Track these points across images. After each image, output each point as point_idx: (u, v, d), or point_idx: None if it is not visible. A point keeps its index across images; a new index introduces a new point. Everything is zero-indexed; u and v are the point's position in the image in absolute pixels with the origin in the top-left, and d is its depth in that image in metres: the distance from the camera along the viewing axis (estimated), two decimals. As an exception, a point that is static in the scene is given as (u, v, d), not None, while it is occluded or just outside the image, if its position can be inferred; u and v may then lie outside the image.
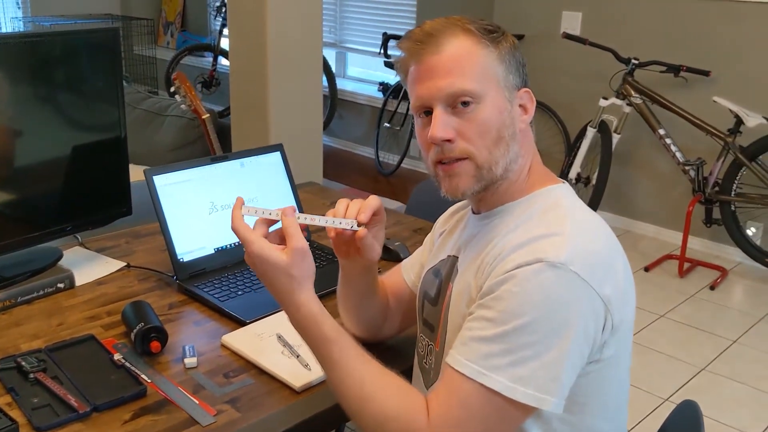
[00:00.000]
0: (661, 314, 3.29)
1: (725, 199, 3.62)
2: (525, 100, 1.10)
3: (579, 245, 0.99)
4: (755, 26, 3.64)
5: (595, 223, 1.06)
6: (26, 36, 1.63)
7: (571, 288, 0.96)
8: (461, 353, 0.98)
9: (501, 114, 1.06)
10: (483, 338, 0.97)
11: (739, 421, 2.54)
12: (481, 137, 1.05)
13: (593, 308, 0.98)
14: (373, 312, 1.32)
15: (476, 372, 0.96)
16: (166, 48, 6.93)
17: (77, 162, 1.63)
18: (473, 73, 1.04)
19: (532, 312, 0.95)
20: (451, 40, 1.05)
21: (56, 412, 1.13)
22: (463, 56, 1.05)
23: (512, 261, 0.98)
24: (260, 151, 1.73)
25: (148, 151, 3.33)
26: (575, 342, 0.96)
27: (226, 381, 1.24)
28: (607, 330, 1.00)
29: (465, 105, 1.04)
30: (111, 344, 1.32)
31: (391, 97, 5.18)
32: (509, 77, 1.07)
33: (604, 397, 1.07)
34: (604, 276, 0.99)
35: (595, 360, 1.01)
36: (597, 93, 3.97)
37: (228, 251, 1.64)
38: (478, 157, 1.06)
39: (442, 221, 1.32)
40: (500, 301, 0.97)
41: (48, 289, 1.51)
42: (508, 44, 1.08)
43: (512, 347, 0.95)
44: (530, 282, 0.96)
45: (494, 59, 1.06)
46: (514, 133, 1.08)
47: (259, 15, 3.12)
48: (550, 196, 1.10)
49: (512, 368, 0.95)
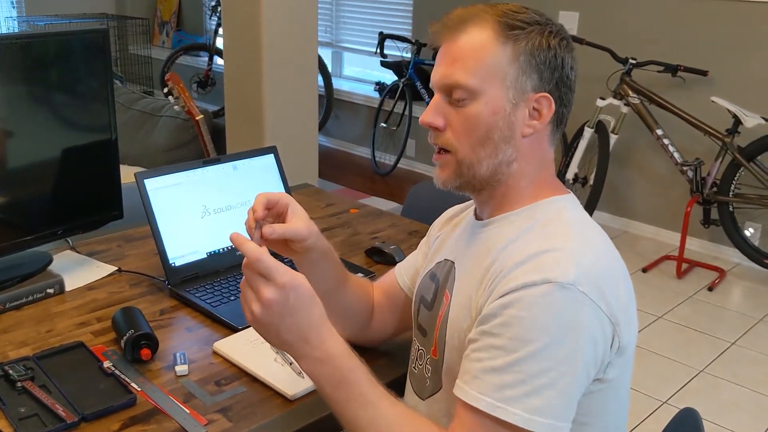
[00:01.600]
0: (659, 315, 3.28)
1: (723, 199, 3.61)
2: (541, 106, 1.04)
3: (585, 264, 0.95)
4: (753, 26, 3.62)
5: (599, 238, 1.03)
6: (13, 37, 1.60)
7: (581, 309, 0.93)
8: (473, 387, 0.95)
9: (494, 114, 1.03)
10: (494, 369, 0.93)
11: (737, 423, 2.52)
12: (466, 133, 1.03)
13: (602, 329, 0.95)
14: (350, 306, 1.28)
15: (491, 406, 0.92)
16: (161, 48, 6.90)
17: (67, 164, 1.61)
18: (475, 69, 1.01)
19: (542, 337, 0.91)
20: (471, 30, 1.02)
21: (44, 422, 1.11)
22: (472, 49, 1.02)
23: (515, 279, 0.95)
24: (253, 154, 1.71)
25: (142, 152, 3.31)
26: (585, 364, 0.94)
27: (218, 389, 1.22)
28: (614, 349, 0.98)
29: (459, 98, 1.03)
30: (101, 351, 1.30)
31: (387, 97, 5.16)
32: (522, 78, 1.02)
33: (605, 418, 1.04)
34: (611, 295, 0.96)
35: (599, 380, 0.99)
36: (594, 93, 3.95)
37: (220, 255, 1.62)
38: (459, 152, 1.04)
39: (439, 225, 1.30)
40: (508, 328, 0.93)
41: (37, 295, 1.49)
42: (532, 44, 1.02)
43: (525, 377, 0.91)
44: (538, 305, 0.92)
45: (506, 58, 1.02)
46: (509, 136, 1.04)
47: (253, 15, 3.10)
48: (552, 207, 1.06)
49: (527, 399, 0.91)
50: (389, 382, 1.24)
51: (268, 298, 0.94)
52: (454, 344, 1.06)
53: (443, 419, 1.10)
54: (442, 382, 1.11)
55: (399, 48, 5.03)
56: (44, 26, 5.84)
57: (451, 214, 1.28)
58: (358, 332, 1.32)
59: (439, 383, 1.12)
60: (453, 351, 1.06)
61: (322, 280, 1.20)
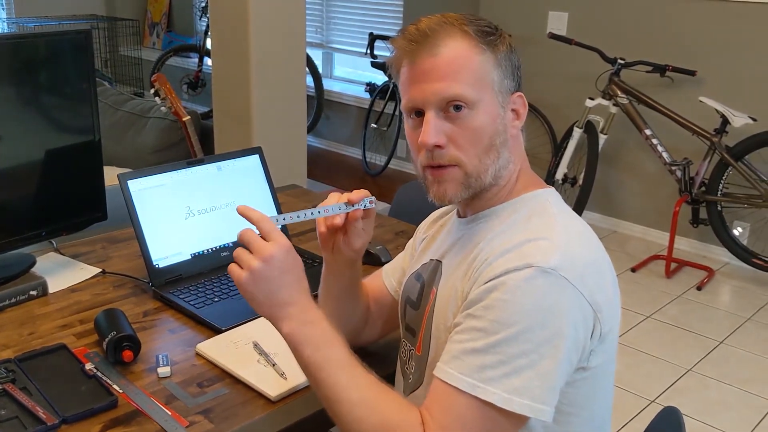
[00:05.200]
0: (648, 315, 3.28)
1: (712, 199, 3.62)
2: (518, 105, 1.07)
3: (569, 251, 0.97)
4: (741, 26, 3.64)
5: (583, 229, 1.04)
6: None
7: (562, 294, 0.94)
8: (453, 367, 0.95)
9: (494, 121, 1.04)
10: (474, 350, 0.94)
11: (725, 422, 2.53)
12: (472, 145, 1.03)
13: (583, 315, 0.96)
14: (354, 312, 1.29)
15: (470, 385, 0.93)
16: (152, 49, 6.89)
17: (51, 166, 1.60)
18: (469, 79, 1.02)
19: (523, 320, 0.92)
20: (447, 42, 1.02)
21: (24, 424, 1.10)
22: (460, 60, 1.02)
23: (500, 266, 0.96)
24: (238, 155, 1.71)
25: (130, 153, 3.30)
26: (567, 349, 0.95)
27: (200, 391, 1.22)
28: (595, 337, 0.98)
29: (457, 109, 1.02)
30: (83, 353, 1.30)
31: (378, 97, 5.16)
32: (504, 82, 1.05)
33: (591, 407, 1.05)
34: (593, 283, 0.97)
35: (582, 368, 0.99)
36: (583, 93, 3.96)
37: (205, 257, 1.62)
38: (467, 165, 1.04)
39: (425, 227, 1.30)
40: (490, 310, 0.94)
41: (20, 297, 1.48)
42: (505, 47, 1.05)
43: (505, 357, 0.92)
44: (520, 289, 0.93)
45: (491, 64, 1.03)
46: (505, 139, 1.06)
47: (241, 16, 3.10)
48: (536, 200, 1.08)
49: (507, 379, 0.92)
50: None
51: (270, 253, 0.99)
52: (441, 336, 1.06)
53: None
54: (425, 376, 1.11)
55: (389, 48, 5.02)
56: (33, 27, 5.82)
57: (437, 215, 1.29)
58: (357, 336, 1.31)
59: (421, 378, 1.12)
60: (439, 344, 1.06)
61: (341, 288, 1.24)
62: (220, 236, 1.65)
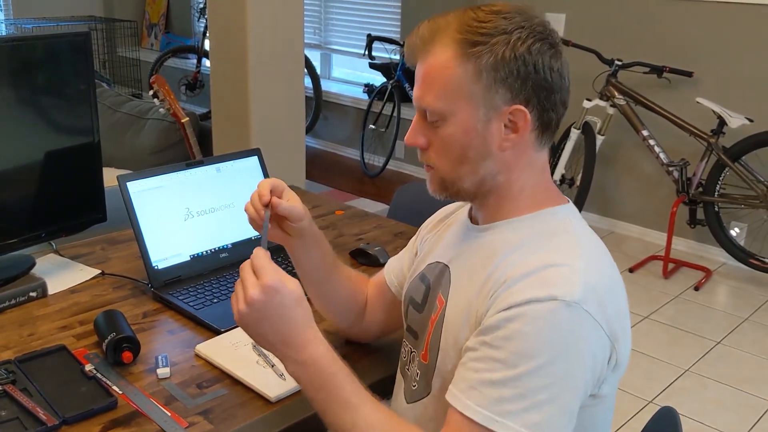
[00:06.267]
0: (646, 315, 3.29)
1: (709, 199, 3.63)
2: (517, 118, 1.00)
3: (590, 281, 0.95)
4: (738, 27, 3.65)
5: (602, 252, 1.03)
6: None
7: (583, 328, 0.93)
8: (470, 397, 0.94)
9: (467, 135, 1.01)
10: (492, 382, 0.92)
11: (722, 422, 2.54)
12: (443, 154, 1.04)
13: (602, 347, 0.95)
14: (338, 292, 1.30)
15: (488, 419, 0.92)
16: (150, 50, 6.89)
17: (50, 167, 1.61)
18: (440, 91, 1.01)
19: (544, 354, 0.91)
20: (434, 51, 1.01)
21: (24, 425, 1.11)
22: (435, 71, 1.01)
23: (521, 293, 0.94)
24: (237, 156, 1.71)
25: (129, 154, 3.30)
26: (585, 381, 0.94)
27: (199, 392, 1.22)
28: (610, 366, 0.98)
29: (432, 120, 1.04)
30: (83, 355, 1.30)
31: (376, 98, 5.17)
32: (489, 94, 0.99)
33: (594, 430, 1.04)
34: (612, 314, 0.96)
35: (593, 395, 0.99)
36: (581, 94, 3.97)
37: (204, 258, 1.62)
38: (441, 171, 1.06)
39: (430, 226, 1.28)
40: (510, 342, 0.92)
41: (20, 298, 1.48)
42: (494, 58, 0.98)
43: (525, 392, 0.91)
44: (542, 321, 0.91)
45: (469, 77, 0.99)
46: (486, 153, 1.02)
47: (239, 17, 3.10)
48: (556, 218, 1.05)
49: (526, 414, 0.91)
50: (376, 382, 1.27)
51: (252, 297, 0.97)
52: (450, 352, 1.05)
53: (429, 424, 1.09)
54: (431, 387, 1.10)
55: (387, 50, 5.04)
56: (32, 29, 5.82)
57: (443, 215, 1.27)
58: (351, 326, 1.34)
59: (428, 388, 1.11)
60: (447, 358, 1.05)
61: (313, 267, 1.26)
62: (220, 237, 1.65)
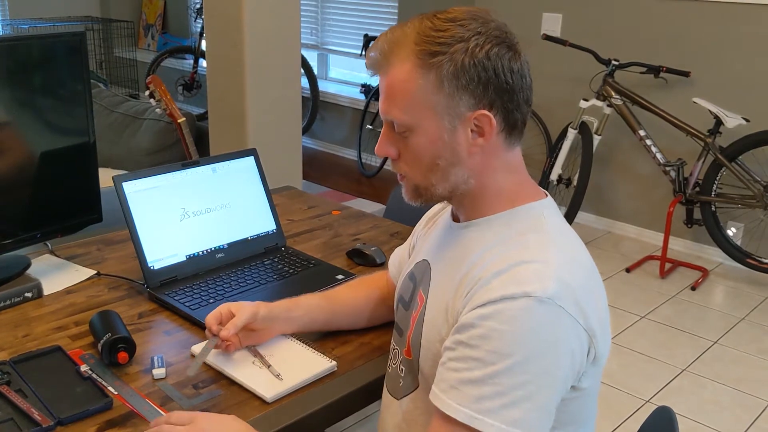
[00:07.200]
0: (642, 315, 3.29)
1: (706, 199, 3.63)
2: (482, 123, 1.01)
3: (564, 275, 0.96)
4: (735, 27, 3.65)
5: (577, 248, 1.04)
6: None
7: (559, 324, 0.94)
8: (451, 397, 0.95)
9: (434, 144, 1.03)
10: (472, 380, 0.93)
11: (719, 422, 2.54)
12: (414, 164, 1.06)
13: (580, 341, 0.96)
14: (351, 313, 1.38)
15: (468, 417, 0.93)
16: (147, 50, 6.88)
17: (46, 168, 1.60)
18: (404, 104, 1.02)
19: (521, 351, 0.92)
20: (395, 64, 1.02)
21: (19, 426, 1.10)
22: (398, 85, 1.02)
23: (494, 290, 0.95)
24: (233, 156, 1.71)
25: (125, 155, 3.29)
26: (564, 377, 0.95)
27: (195, 392, 1.22)
28: (590, 360, 0.99)
29: (399, 132, 1.05)
30: (78, 355, 1.30)
31: (373, 99, 5.17)
32: (452, 103, 1.00)
33: (576, 424, 1.05)
34: (588, 308, 0.97)
35: (573, 387, 1.00)
36: (577, 94, 3.98)
37: (200, 258, 1.62)
38: (413, 179, 1.07)
39: (423, 224, 1.32)
40: (486, 340, 0.93)
41: (15, 299, 1.48)
42: (454, 66, 0.98)
43: (503, 389, 0.92)
44: (517, 319, 0.92)
45: (431, 88, 1.00)
46: (455, 160, 1.03)
47: (236, 18, 3.10)
48: (530, 214, 1.06)
49: (505, 411, 0.92)
50: (371, 381, 1.28)
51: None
52: (431, 349, 1.06)
53: (421, 418, 1.11)
54: (419, 382, 1.12)
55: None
56: (28, 29, 5.81)
57: (431, 214, 1.30)
58: (371, 319, 1.42)
59: (415, 382, 1.13)
60: (429, 355, 1.07)
61: (305, 325, 1.35)
62: (216, 238, 1.65)
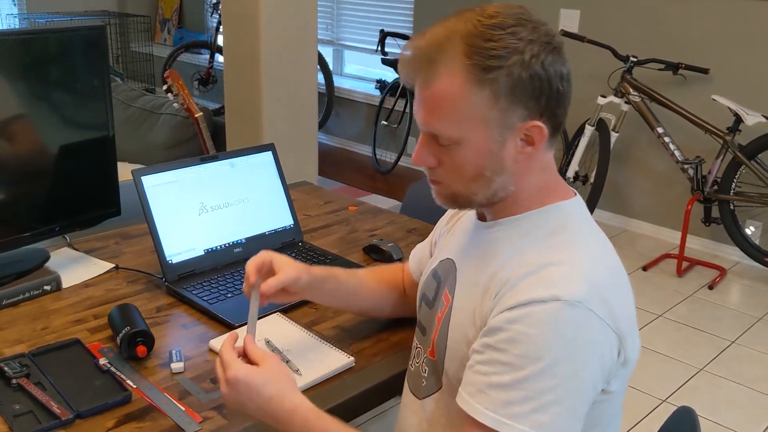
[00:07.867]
0: (659, 314, 3.27)
1: (724, 198, 3.60)
2: (533, 134, 0.99)
3: (593, 278, 0.95)
4: (755, 24, 3.61)
5: (605, 249, 1.03)
6: (9, 33, 1.59)
7: (588, 327, 0.92)
8: (479, 401, 0.94)
9: (481, 156, 1.00)
10: (500, 385, 0.92)
11: (736, 422, 2.52)
12: (457, 174, 1.02)
13: (609, 345, 0.95)
14: (374, 299, 1.37)
15: (496, 421, 0.92)
16: (163, 45, 6.90)
17: (65, 161, 1.61)
18: (452, 117, 0.97)
19: (550, 355, 0.91)
20: (442, 74, 0.96)
21: (38, 419, 1.11)
22: (445, 98, 0.97)
23: (523, 292, 0.94)
24: (251, 151, 1.71)
25: (142, 149, 3.31)
26: (593, 380, 0.94)
27: (213, 386, 1.22)
28: (619, 362, 0.98)
29: (443, 144, 1.01)
30: (97, 348, 1.30)
31: (388, 94, 5.16)
32: (506, 115, 0.97)
33: (604, 426, 1.04)
34: (617, 310, 0.96)
35: (603, 390, 0.98)
36: (595, 91, 3.95)
37: (218, 252, 1.62)
38: (453, 188, 1.04)
39: (446, 220, 1.30)
40: (515, 344, 0.92)
41: (34, 292, 1.49)
42: (512, 81, 0.95)
43: (532, 393, 0.91)
44: (546, 323, 0.91)
45: (485, 103, 0.96)
46: (500, 169, 1.01)
47: (253, 13, 3.10)
48: (559, 213, 1.04)
49: (534, 415, 0.91)
50: (390, 378, 1.28)
51: (222, 391, 1.04)
52: (457, 351, 1.05)
53: (443, 419, 1.10)
54: (442, 383, 1.10)
55: (400, 45, 5.03)
56: (45, 23, 5.84)
57: (455, 210, 1.27)
58: (393, 311, 1.41)
59: (439, 383, 1.11)
60: (455, 357, 1.06)
61: (332, 299, 1.34)
62: (234, 232, 1.65)
